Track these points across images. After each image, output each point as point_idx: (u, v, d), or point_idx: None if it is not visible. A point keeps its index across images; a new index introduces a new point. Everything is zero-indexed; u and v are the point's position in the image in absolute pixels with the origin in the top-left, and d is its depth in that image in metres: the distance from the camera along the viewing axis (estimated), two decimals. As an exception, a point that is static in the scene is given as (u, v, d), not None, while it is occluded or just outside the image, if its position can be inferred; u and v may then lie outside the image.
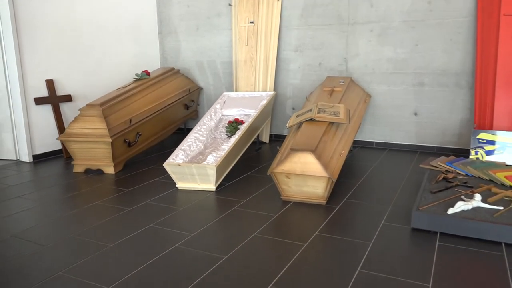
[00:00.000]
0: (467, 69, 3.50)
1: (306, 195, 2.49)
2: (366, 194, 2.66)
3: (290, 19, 4.12)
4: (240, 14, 4.17)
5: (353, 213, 2.35)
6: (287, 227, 2.18)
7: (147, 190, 2.79)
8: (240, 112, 3.77)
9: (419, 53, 3.65)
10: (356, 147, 3.97)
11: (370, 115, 3.93)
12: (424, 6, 3.58)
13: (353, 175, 3.06)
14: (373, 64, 3.84)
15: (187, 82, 4.41)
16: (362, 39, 3.85)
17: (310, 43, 4.08)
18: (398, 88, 3.79)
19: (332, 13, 3.94)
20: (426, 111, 3.71)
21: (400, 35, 3.70)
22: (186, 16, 4.65)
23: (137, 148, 3.46)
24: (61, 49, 3.73)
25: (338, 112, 2.83)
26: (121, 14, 4.30)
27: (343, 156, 2.63)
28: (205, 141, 3.26)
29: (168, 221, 2.26)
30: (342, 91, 3.36)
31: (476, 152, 2.97)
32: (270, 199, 2.58)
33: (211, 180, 2.71)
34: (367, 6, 3.79)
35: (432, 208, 2.17)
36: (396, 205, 2.45)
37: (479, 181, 2.57)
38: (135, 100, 3.55)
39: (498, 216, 2.04)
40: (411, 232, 2.10)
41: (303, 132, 2.65)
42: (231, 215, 2.35)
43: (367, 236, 2.05)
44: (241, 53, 4.18)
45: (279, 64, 4.24)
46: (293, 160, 2.41)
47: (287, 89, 4.26)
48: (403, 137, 3.84)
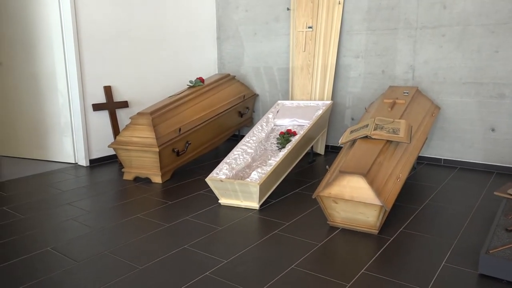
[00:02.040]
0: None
1: (356, 223, 2.25)
2: (426, 224, 2.34)
3: (352, 23, 3.84)
4: (298, 18, 3.97)
5: (408, 248, 2.07)
6: (330, 260, 1.97)
7: (190, 204, 2.72)
8: (293, 123, 3.58)
9: (499, 60, 3.20)
10: (421, 163, 3.60)
11: (439, 128, 3.53)
12: (507, 7, 3.12)
13: (414, 199, 2.74)
14: (444, 72, 3.45)
15: (242, 89, 4.30)
16: (432, 45, 3.47)
17: (373, 49, 3.77)
18: (472, 99, 3.35)
19: (398, 17, 3.60)
20: (506, 127, 3.25)
21: (477, 40, 3.27)
22: (244, 21, 4.55)
23: (187, 157, 3.42)
24: (120, 56, 3.81)
25: (398, 129, 2.54)
26: (179, 19, 4.31)
27: (401, 181, 2.34)
28: (253, 153, 3.13)
29: (203, 243, 2.15)
30: (406, 104, 3.03)
31: None
32: (316, 223, 2.37)
33: (254, 198, 2.56)
34: (439, 8, 3.40)
35: (507, 252, 1.83)
36: (462, 242, 2.12)
37: None
38: (186, 108, 3.51)
39: None
40: (478, 279, 1.78)
41: (355, 151, 2.40)
42: (271, 240, 2.18)
43: (422, 281, 1.77)
44: (297, 60, 3.99)
45: (338, 71, 3.98)
46: (341, 183, 2.18)
47: (346, 98, 3.99)
48: (477, 155, 3.40)
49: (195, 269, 1.87)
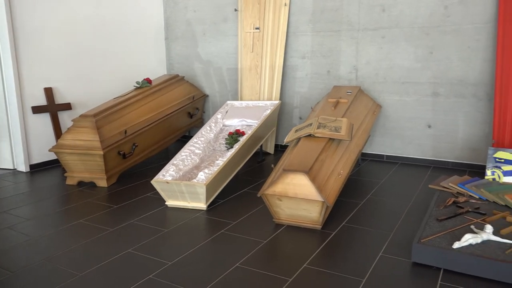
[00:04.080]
0: (486, 79, 3.23)
1: (300, 219, 2.31)
2: (367, 218, 2.45)
3: (298, 24, 3.93)
4: (246, 19, 4.01)
5: (349, 241, 2.15)
6: (274, 257, 2.01)
7: (136, 207, 2.67)
8: (242, 123, 3.61)
9: (434, 61, 3.40)
10: (365, 159, 3.74)
11: (381, 126, 3.69)
12: (440, 11, 3.32)
13: (357, 194, 2.85)
14: (385, 72, 3.61)
15: (192, 90, 4.28)
16: (373, 46, 3.63)
17: (318, 50, 3.88)
18: (411, 98, 3.54)
19: (341, 19, 3.72)
20: (441, 124, 3.45)
21: (414, 42, 3.46)
22: (193, 21, 4.52)
23: (134, 159, 3.35)
24: (62, 56, 3.66)
25: (340, 128, 2.63)
26: (125, 18, 4.21)
27: (343, 177, 2.43)
28: (201, 154, 3.12)
29: (148, 246, 2.12)
30: (348, 103, 3.14)
31: (493, 173, 2.71)
32: (262, 222, 2.41)
33: (201, 198, 2.56)
34: (378, 11, 3.56)
35: (437, 240, 1.95)
36: (398, 233, 2.23)
37: (494, 207, 2.32)
38: (132, 110, 3.44)
39: (510, 253, 1.80)
40: (411, 267, 1.88)
41: (299, 149, 2.46)
42: (217, 239, 2.19)
43: (360, 271, 1.85)
44: (246, 60, 4.02)
45: (286, 71, 4.06)
46: (285, 181, 2.23)
47: (294, 98, 4.07)
48: (416, 150, 3.59)
49: (138, 273, 1.85)
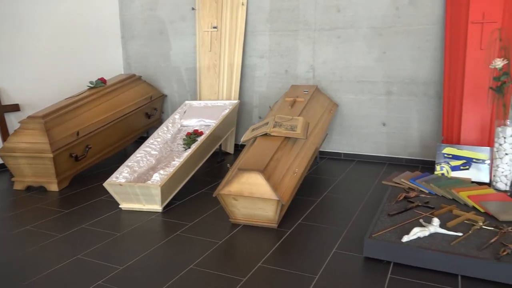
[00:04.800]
0: (435, 78, 3.36)
1: (256, 218, 2.30)
2: (323, 215, 2.48)
3: (256, 24, 3.93)
4: (203, 18, 3.97)
5: (304, 238, 2.17)
6: (229, 257, 1.99)
7: (88, 211, 2.57)
8: (200, 123, 3.57)
9: (387, 61, 3.50)
10: (323, 158, 3.80)
11: (338, 124, 3.76)
12: (392, 12, 3.42)
13: (314, 192, 2.88)
14: (341, 72, 3.68)
15: (149, 89, 4.19)
16: (330, 46, 3.69)
17: (276, 50, 3.90)
18: (365, 97, 3.62)
19: (298, 18, 3.76)
20: (394, 122, 3.56)
21: (368, 42, 3.54)
22: (150, 19, 4.43)
23: (87, 162, 3.24)
24: (9, 54, 3.48)
25: (296, 126, 2.65)
26: (79, 15, 4.06)
27: (298, 175, 2.45)
28: (158, 155, 3.06)
29: (99, 251, 2.05)
30: (305, 102, 3.18)
31: (442, 168, 2.82)
32: (219, 222, 2.39)
33: (156, 200, 2.50)
34: (334, 11, 3.62)
35: (387, 235, 2.00)
36: (352, 229, 2.28)
37: (442, 201, 2.41)
38: (86, 111, 3.32)
39: (455, 245, 1.88)
40: (363, 262, 1.92)
41: (255, 148, 2.46)
42: (172, 242, 2.15)
43: (314, 268, 1.87)
44: (204, 60, 3.98)
45: (244, 71, 4.05)
46: (240, 180, 2.22)
47: (253, 97, 4.08)
48: (372, 148, 3.68)
49: (87, 279, 1.78)
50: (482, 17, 2.95)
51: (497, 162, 2.54)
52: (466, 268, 1.77)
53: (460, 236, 1.95)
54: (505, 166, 2.52)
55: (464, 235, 1.96)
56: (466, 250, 1.83)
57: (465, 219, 2.13)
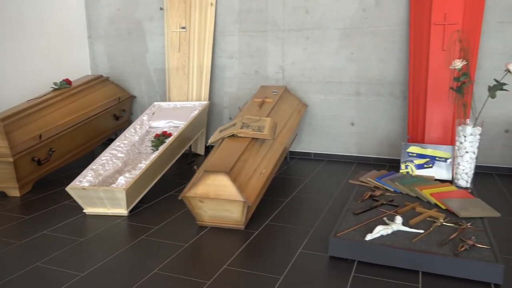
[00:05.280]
0: (401, 79, 3.43)
1: (223, 220, 2.29)
2: (290, 215, 2.49)
3: (225, 24, 3.92)
4: (172, 18, 3.92)
5: (271, 239, 2.17)
6: (194, 260, 1.97)
7: (51, 217, 2.50)
8: (169, 124, 3.53)
9: (355, 62, 3.55)
10: (293, 158, 3.82)
11: (308, 125, 3.79)
12: (359, 13, 3.47)
13: (283, 192, 2.89)
14: (310, 72, 3.71)
15: (117, 91, 4.11)
16: (298, 47, 3.71)
17: (246, 50, 3.89)
18: (334, 97, 3.67)
19: (266, 19, 3.77)
20: (362, 121, 3.61)
21: (335, 43, 3.58)
22: (117, 19, 4.34)
23: (51, 165, 3.14)
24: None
25: (263, 127, 2.65)
26: (41, 14, 3.93)
27: (265, 176, 2.45)
28: (124, 157, 3.00)
29: (60, 258, 1.99)
30: (274, 102, 3.18)
31: (406, 166, 2.88)
32: (185, 225, 2.36)
33: (121, 204, 2.45)
34: (302, 12, 3.65)
35: (352, 233, 2.02)
36: (319, 228, 2.29)
37: (406, 199, 2.46)
38: (49, 113, 3.22)
39: (416, 242, 1.91)
40: (328, 261, 1.94)
41: (222, 150, 2.44)
42: (136, 246, 2.11)
43: (279, 269, 1.87)
44: (173, 60, 3.93)
45: (214, 72, 4.03)
46: (206, 182, 2.20)
47: (223, 98, 4.06)
48: (341, 147, 3.73)
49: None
50: (444, 19, 3.04)
51: (458, 160, 2.61)
52: (427, 265, 1.81)
53: (421, 233, 1.99)
54: (466, 164, 2.59)
55: (426, 232, 2.01)
56: (427, 247, 1.87)
57: (427, 216, 2.18)
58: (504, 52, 3.12)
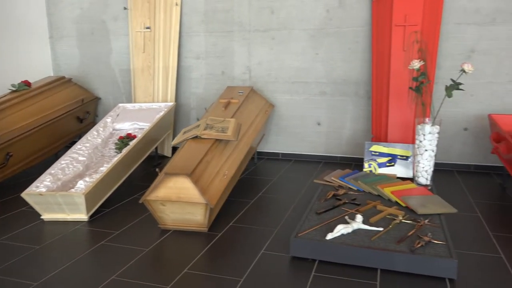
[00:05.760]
0: (365, 78, 3.48)
1: (186, 223, 2.26)
2: (255, 216, 2.48)
3: (191, 25, 3.88)
4: (136, 18, 3.85)
5: (234, 241, 2.16)
6: (155, 265, 1.93)
7: (6, 224, 2.40)
8: (134, 126, 3.46)
9: (319, 62, 3.58)
10: (261, 158, 3.82)
11: (275, 125, 3.80)
12: (323, 14, 3.51)
13: (249, 193, 2.88)
14: (276, 73, 3.72)
15: (80, 92, 4.00)
16: (264, 47, 3.71)
17: (212, 51, 3.87)
18: (300, 97, 3.69)
19: (232, 20, 3.75)
20: (329, 121, 3.65)
21: (301, 44, 3.60)
22: (80, 19, 4.23)
23: (9, 170, 3.03)
24: None
25: (227, 128, 2.64)
26: (2, 14, 3.79)
27: (228, 177, 2.43)
28: (86, 161, 2.92)
29: (14, 267, 1.91)
30: (239, 103, 3.17)
31: (369, 165, 2.93)
32: (148, 229, 2.32)
33: (81, 209, 2.39)
34: (267, 12, 3.65)
35: (313, 233, 2.04)
36: (282, 229, 2.30)
37: (369, 197, 2.50)
38: (6, 116, 3.11)
39: (375, 240, 1.95)
40: (289, 262, 1.94)
41: (184, 152, 2.42)
42: (95, 252, 2.06)
43: (240, 271, 1.86)
44: (137, 61, 3.87)
45: (181, 72, 3.98)
46: (168, 185, 2.17)
47: (190, 99, 4.02)
48: (308, 147, 3.76)
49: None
50: (404, 20, 3.10)
51: (418, 158, 2.68)
52: (385, 262, 1.84)
53: (380, 231, 2.02)
54: (425, 161, 2.66)
55: (385, 230, 2.04)
56: (385, 245, 1.90)
57: (387, 214, 2.22)
58: (462, 52, 3.22)
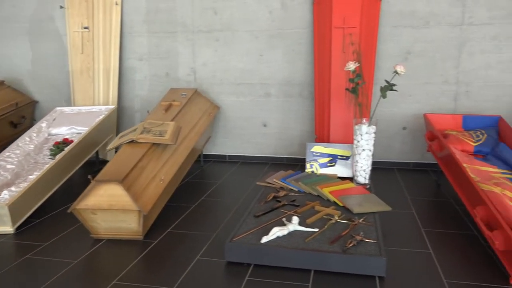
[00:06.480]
0: (309, 80, 3.52)
1: (120, 231, 2.17)
2: (195, 221, 2.43)
3: (133, 25, 3.76)
4: (73, 18, 3.68)
5: (170, 248, 2.10)
6: (82, 277, 1.84)
7: None
8: (71, 130, 3.31)
9: (264, 63, 3.58)
10: (208, 161, 3.77)
11: (222, 127, 3.76)
12: (266, 16, 3.51)
13: (191, 197, 2.82)
14: (221, 74, 3.68)
15: (14, 95, 3.78)
16: (209, 48, 3.66)
17: (156, 52, 3.77)
18: (246, 99, 3.67)
19: (176, 20, 3.67)
20: (274, 122, 3.66)
21: (245, 45, 3.59)
22: (13, 18, 3.99)
23: None
24: None
25: (165, 132, 2.57)
26: None
27: (165, 182, 2.37)
28: (15, 169, 2.75)
29: None
30: (181, 105, 3.11)
31: (311, 166, 2.96)
32: (80, 239, 2.21)
33: (5, 221, 2.24)
34: (211, 13, 3.61)
35: (249, 237, 2.01)
36: (220, 234, 2.26)
37: (309, 198, 2.51)
38: None
39: (309, 241, 1.95)
40: (224, 267, 1.91)
41: (118, 157, 2.33)
42: (19, 267, 1.93)
43: (172, 279, 1.80)
44: (76, 63, 3.70)
45: (124, 74, 3.85)
46: (98, 193, 2.08)
47: (134, 101, 3.90)
48: (255, 149, 3.75)
49: None
50: (343, 22, 3.16)
51: (357, 157, 2.73)
52: (318, 263, 1.85)
53: (316, 232, 2.03)
54: (363, 161, 2.71)
55: (320, 230, 2.05)
56: (319, 245, 1.91)
57: (324, 214, 2.24)
58: (399, 54, 3.33)
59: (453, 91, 3.28)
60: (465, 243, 2.11)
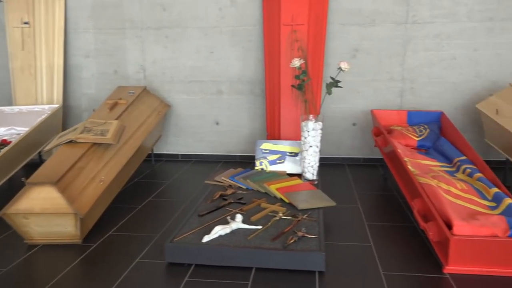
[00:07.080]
0: (260, 77, 3.51)
1: (55, 236, 2.07)
2: (139, 223, 2.36)
3: (77, 20, 3.61)
4: (12, 12, 3.49)
5: (109, 251, 2.03)
6: (12, 286, 1.74)
7: None
8: (11, 131, 3.14)
9: (214, 60, 3.54)
10: (160, 160, 3.69)
11: (174, 126, 3.69)
12: (215, 12, 3.47)
13: (138, 197, 2.75)
14: (171, 72, 3.61)
15: (-51, 95, 3.54)
16: (158, 45, 3.58)
17: (103, 48, 3.64)
18: (197, 97, 3.62)
19: (123, 16, 3.56)
20: (226, 120, 3.63)
21: (195, 42, 3.53)
22: None
23: None
24: None
25: (107, 131, 2.48)
26: None
27: (105, 183, 2.28)
28: None
29: None
30: (127, 104, 3.02)
31: (261, 163, 2.95)
32: (12, 246, 2.09)
33: None
34: (159, 10, 3.52)
35: (191, 237, 1.97)
36: (164, 235, 2.20)
37: (256, 196, 2.50)
38: None
39: (251, 239, 1.94)
40: (165, 269, 1.86)
41: (54, 158, 2.22)
42: None
43: (109, 283, 1.74)
44: (16, 60, 3.51)
45: (69, 71, 3.70)
46: (31, 196, 1.98)
47: (81, 100, 3.75)
48: (207, 147, 3.70)
49: None
50: (292, 20, 3.17)
51: (304, 154, 2.74)
52: (259, 260, 1.83)
53: (259, 229, 2.02)
54: (311, 157, 2.73)
55: (263, 227, 2.04)
56: (260, 243, 1.90)
57: (269, 211, 2.23)
58: (347, 51, 3.38)
59: (398, 87, 3.37)
60: (405, 235, 2.16)
